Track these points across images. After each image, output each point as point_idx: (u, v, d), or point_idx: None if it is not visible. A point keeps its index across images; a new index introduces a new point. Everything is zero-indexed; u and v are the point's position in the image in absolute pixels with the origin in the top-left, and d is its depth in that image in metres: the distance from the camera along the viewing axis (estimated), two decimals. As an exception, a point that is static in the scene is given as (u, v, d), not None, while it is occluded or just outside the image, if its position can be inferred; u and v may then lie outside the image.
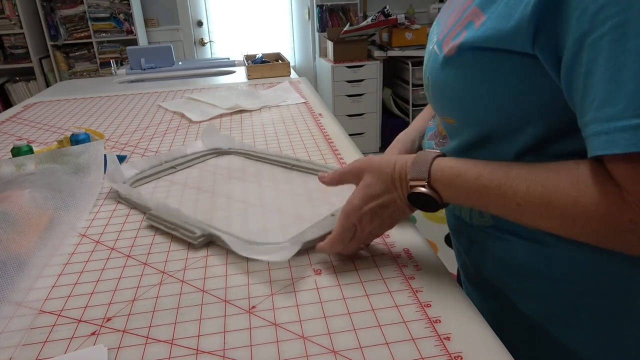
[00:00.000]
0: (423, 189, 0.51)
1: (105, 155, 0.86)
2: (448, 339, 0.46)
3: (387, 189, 0.54)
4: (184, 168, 0.91)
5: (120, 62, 3.32)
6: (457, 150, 0.57)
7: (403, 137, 0.78)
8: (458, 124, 0.55)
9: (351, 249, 0.59)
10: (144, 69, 2.07)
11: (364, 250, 0.62)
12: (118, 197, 0.80)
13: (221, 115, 1.28)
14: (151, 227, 0.69)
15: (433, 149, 0.63)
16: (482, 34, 0.46)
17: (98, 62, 3.57)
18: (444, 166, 0.51)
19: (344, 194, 0.60)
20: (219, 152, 0.96)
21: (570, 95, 0.42)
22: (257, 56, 2.02)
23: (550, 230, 0.45)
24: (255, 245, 0.61)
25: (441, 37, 0.54)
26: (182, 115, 1.30)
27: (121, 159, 0.99)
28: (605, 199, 0.40)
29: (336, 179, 0.60)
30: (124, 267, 0.60)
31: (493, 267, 0.59)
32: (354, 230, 0.56)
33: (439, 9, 3.07)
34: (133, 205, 0.76)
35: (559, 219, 0.43)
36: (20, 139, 1.15)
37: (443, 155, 0.53)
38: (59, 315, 0.52)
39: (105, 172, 0.84)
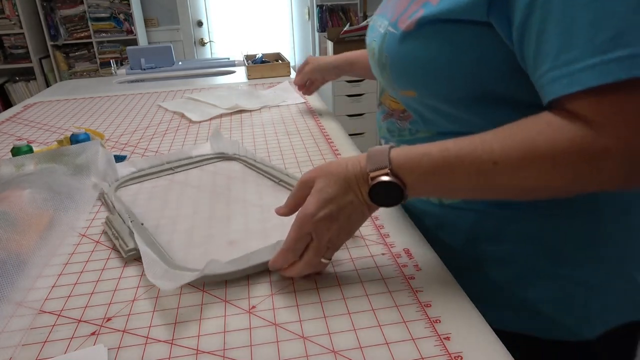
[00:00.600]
0: (386, 177, 0.48)
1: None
2: (448, 339, 0.46)
3: (341, 190, 0.51)
4: (183, 170, 0.90)
5: (120, 62, 3.32)
6: (422, 119, 0.62)
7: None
8: (418, 95, 0.59)
9: (314, 263, 0.53)
10: (144, 69, 2.07)
11: (317, 272, 0.56)
12: (101, 196, 0.80)
13: (221, 115, 1.28)
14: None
15: (397, 125, 0.67)
16: (441, 8, 0.51)
17: (98, 62, 3.57)
18: (406, 152, 0.50)
19: None
20: (222, 157, 0.96)
21: (523, 56, 0.47)
22: (257, 56, 2.02)
23: (526, 184, 0.45)
24: (172, 271, 0.55)
25: (394, 19, 0.59)
26: (182, 115, 1.30)
27: (121, 158, 0.99)
28: (578, 133, 0.42)
29: (291, 204, 0.55)
30: (124, 267, 0.60)
31: (466, 241, 0.62)
32: (307, 240, 0.52)
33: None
34: (109, 206, 0.76)
35: (538, 165, 0.44)
36: (20, 139, 1.15)
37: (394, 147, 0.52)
38: (59, 315, 0.52)
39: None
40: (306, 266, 0.54)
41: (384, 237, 0.64)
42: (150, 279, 0.53)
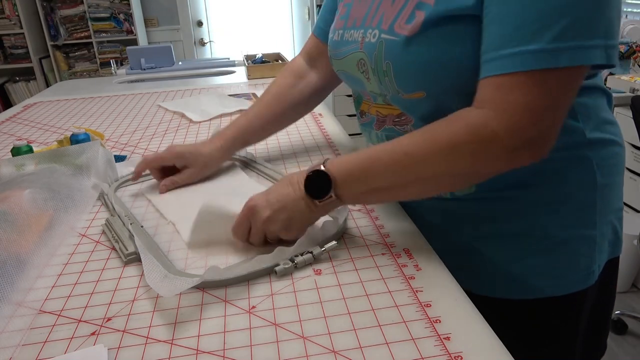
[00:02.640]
0: (321, 167, 0.57)
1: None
2: (448, 339, 0.46)
3: (284, 186, 0.60)
4: None
5: (120, 62, 3.32)
6: (425, 119, 0.62)
7: (221, 135, 0.84)
8: (427, 96, 0.59)
9: (256, 243, 0.61)
10: (144, 69, 2.07)
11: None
12: (101, 196, 0.80)
13: (221, 115, 1.28)
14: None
15: (397, 130, 0.68)
16: (445, 7, 0.54)
17: (98, 62, 3.57)
18: (338, 157, 0.60)
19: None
20: None
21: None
22: (257, 56, 2.02)
23: (435, 170, 0.53)
24: (172, 276, 0.54)
25: (386, 26, 0.60)
26: (182, 115, 1.30)
27: (121, 158, 0.99)
28: (474, 120, 0.51)
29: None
30: (124, 267, 0.60)
31: (475, 229, 0.67)
32: (247, 226, 0.61)
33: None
34: (109, 207, 0.75)
35: (439, 152, 0.52)
36: (20, 139, 1.15)
37: None
38: (59, 315, 0.52)
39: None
40: (254, 240, 0.61)
41: (384, 237, 0.64)
42: (150, 284, 0.53)
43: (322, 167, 0.57)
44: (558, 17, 0.46)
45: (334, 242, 0.60)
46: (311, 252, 0.58)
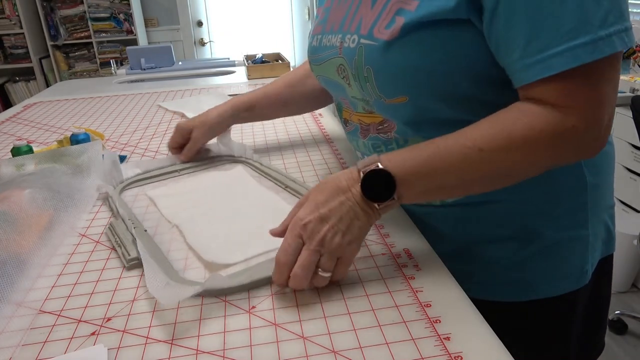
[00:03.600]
0: (378, 165, 0.51)
1: (103, 155, 0.85)
2: (448, 339, 0.46)
3: (332, 194, 0.52)
4: (188, 172, 0.89)
5: (120, 62, 3.32)
6: (409, 124, 0.61)
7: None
8: (410, 100, 0.58)
9: (308, 266, 0.51)
10: (144, 69, 2.07)
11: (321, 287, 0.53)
12: (105, 199, 0.79)
13: (221, 115, 1.27)
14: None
15: (382, 138, 0.66)
16: (425, 11, 0.52)
17: (98, 62, 3.57)
18: (395, 151, 0.54)
19: None
20: (229, 160, 0.94)
21: (491, 40, 0.51)
22: (257, 56, 2.02)
23: (512, 167, 0.52)
24: (174, 283, 0.54)
25: (366, 31, 0.59)
26: (182, 115, 1.30)
27: (121, 158, 0.99)
28: (550, 116, 0.49)
29: (286, 222, 0.55)
30: (124, 267, 0.60)
31: (469, 234, 0.66)
32: (299, 246, 0.51)
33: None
34: (113, 210, 0.75)
35: (520, 148, 0.50)
36: (20, 139, 1.15)
37: None
38: (59, 315, 0.52)
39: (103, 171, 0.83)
40: (302, 270, 0.50)
41: (384, 237, 0.64)
42: (151, 292, 0.52)
43: (380, 165, 0.51)
44: (596, 5, 0.46)
45: None
46: None
